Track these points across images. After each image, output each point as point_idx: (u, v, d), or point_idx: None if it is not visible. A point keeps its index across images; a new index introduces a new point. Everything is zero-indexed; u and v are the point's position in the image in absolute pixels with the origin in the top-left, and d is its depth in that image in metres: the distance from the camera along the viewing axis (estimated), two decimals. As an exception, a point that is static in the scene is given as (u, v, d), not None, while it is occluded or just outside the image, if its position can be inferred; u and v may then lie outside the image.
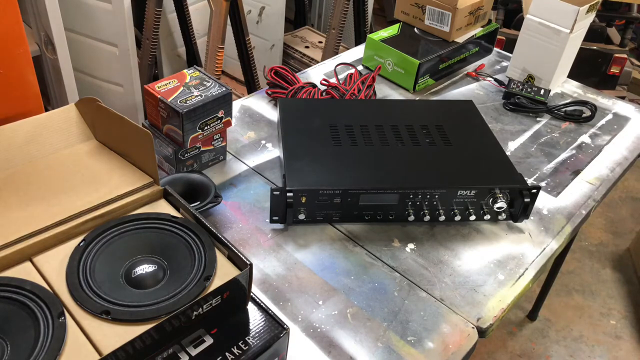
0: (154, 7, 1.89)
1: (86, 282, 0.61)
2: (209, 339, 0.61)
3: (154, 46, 1.99)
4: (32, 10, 1.63)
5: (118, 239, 0.66)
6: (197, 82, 0.95)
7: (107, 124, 0.75)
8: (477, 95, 1.33)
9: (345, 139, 0.99)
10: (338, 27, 2.13)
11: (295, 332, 0.76)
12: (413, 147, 0.99)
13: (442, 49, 1.32)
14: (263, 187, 1.00)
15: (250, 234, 0.91)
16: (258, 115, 1.18)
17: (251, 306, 0.66)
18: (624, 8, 2.64)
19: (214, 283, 0.62)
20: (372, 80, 1.22)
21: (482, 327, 0.80)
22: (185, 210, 0.70)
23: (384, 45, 1.32)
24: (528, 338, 1.86)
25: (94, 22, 1.84)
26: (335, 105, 1.11)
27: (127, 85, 1.95)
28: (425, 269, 0.87)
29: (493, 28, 1.43)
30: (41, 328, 0.56)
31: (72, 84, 1.76)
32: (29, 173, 0.71)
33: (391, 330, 0.78)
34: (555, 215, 1.00)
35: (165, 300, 0.60)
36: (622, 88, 2.67)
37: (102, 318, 0.58)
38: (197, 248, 0.65)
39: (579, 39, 1.32)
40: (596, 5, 1.28)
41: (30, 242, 0.63)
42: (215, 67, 1.93)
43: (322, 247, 0.90)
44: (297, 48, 2.53)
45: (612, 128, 1.26)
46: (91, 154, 0.75)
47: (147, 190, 0.72)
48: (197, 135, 0.94)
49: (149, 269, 0.64)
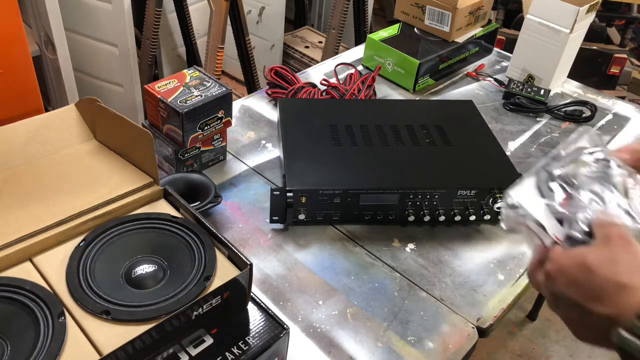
0: (154, 7, 1.89)
1: (86, 282, 0.61)
2: (209, 339, 0.61)
3: (154, 46, 1.99)
4: (32, 10, 1.63)
5: (118, 239, 0.66)
6: (197, 82, 0.95)
7: (107, 124, 0.75)
8: (477, 95, 1.33)
9: (345, 139, 0.99)
10: (338, 27, 2.13)
11: (295, 332, 0.76)
12: (413, 147, 0.99)
13: (442, 49, 1.32)
14: (263, 187, 1.00)
15: (250, 234, 0.91)
16: (258, 115, 1.18)
17: (251, 306, 0.66)
18: (624, 8, 2.64)
19: (214, 283, 0.62)
20: (372, 80, 1.22)
21: (482, 327, 0.80)
22: (185, 210, 0.70)
23: (384, 45, 1.32)
24: (528, 338, 1.86)
25: (94, 22, 1.84)
26: (335, 105, 1.11)
27: (127, 85, 1.95)
28: (425, 269, 0.87)
29: (493, 28, 1.43)
30: (41, 328, 0.56)
31: (72, 84, 1.76)
32: (29, 173, 0.71)
33: (391, 330, 0.78)
34: (555, 215, 1.00)
35: (165, 300, 0.59)
36: (622, 88, 2.67)
37: (102, 318, 0.58)
38: (197, 248, 0.65)
39: (579, 39, 1.32)
40: (596, 5, 1.27)
41: (30, 242, 0.63)
42: (215, 67, 1.93)
43: (322, 247, 0.90)
44: (297, 48, 2.53)
45: (612, 128, 1.26)
46: (91, 154, 0.75)
47: (147, 190, 0.72)
48: (197, 135, 0.94)
49: (149, 269, 0.64)
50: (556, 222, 0.56)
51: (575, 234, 0.54)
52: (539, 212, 0.57)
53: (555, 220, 0.57)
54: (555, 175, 0.59)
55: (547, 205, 0.57)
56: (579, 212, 0.55)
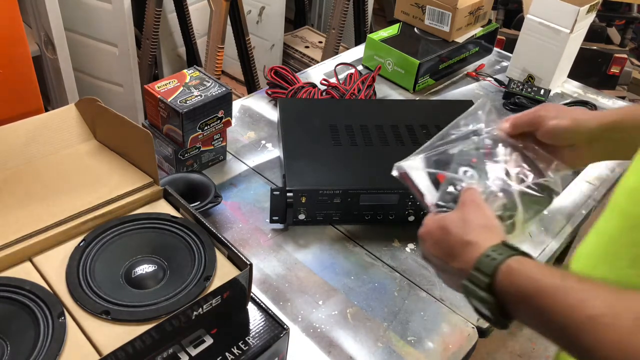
0: (154, 7, 1.89)
1: (86, 282, 0.61)
2: (209, 339, 0.61)
3: (154, 46, 1.99)
4: (32, 10, 1.63)
5: (118, 239, 0.66)
6: (197, 82, 0.95)
7: (107, 124, 0.75)
8: (477, 95, 1.33)
9: (345, 139, 0.99)
10: (338, 27, 2.13)
11: (295, 332, 0.76)
12: (413, 147, 0.97)
13: (442, 49, 1.32)
14: (263, 187, 1.00)
15: (250, 234, 0.91)
16: (258, 115, 1.18)
17: (251, 306, 0.66)
18: (624, 8, 2.64)
19: (214, 283, 0.62)
20: (372, 80, 1.22)
21: (482, 327, 0.80)
22: (185, 210, 0.70)
23: (384, 45, 1.32)
24: (528, 338, 1.86)
25: (94, 22, 1.84)
26: (335, 105, 1.11)
27: (127, 85, 1.95)
28: (425, 269, 0.87)
29: (493, 28, 1.43)
30: (41, 328, 0.56)
31: (72, 84, 1.76)
32: (29, 173, 0.71)
33: (391, 330, 0.78)
34: (556, 215, 1.00)
35: (165, 301, 0.59)
36: (622, 88, 2.67)
37: (102, 318, 0.58)
38: (197, 248, 0.65)
39: (579, 39, 1.32)
40: (596, 5, 1.27)
41: (30, 242, 0.63)
42: (215, 67, 1.93)
43: (322, 247, 0.89)
44: (297, 48, 2.53)
45: (612, 128, 1.26)
46: (91, 154, 0.75)
47: (147, 190, 0.72)
48: (197, 135, 0.94)
49: (149, 269, 0.64)
50: (433, 191, 0.64)
51: (441, 202, 0.62)
52: (421, 182, 0.66)
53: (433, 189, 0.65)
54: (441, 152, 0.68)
55: (428, 175, 0.65)
56: (451, 183, 0.63)
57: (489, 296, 0.49)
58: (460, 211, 0.58)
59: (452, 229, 0.56)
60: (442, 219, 0.58)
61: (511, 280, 0.48)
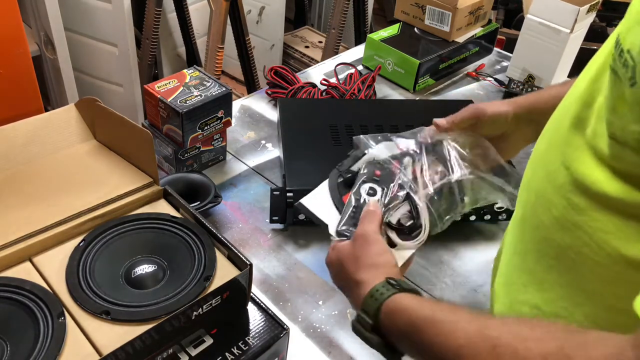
0: (154, 7, 1.89)
1: (86, 282, 0.61)
2: (209, 339, 0.61)
3: (154, 46, 1.99)
4: (32, 10, 1.63)
5: (118, 239, 0.66)
6: (197, 82, 0.95)
7: (107, 124, 0.75)
8: (477, 95, 1.33)
9: (345, 139, 0.99)
10: (338, 27, 2.13)
11: (295, 332, 0.76)
12: (413, 147, 0.98)
13: (442, 49, 1.32)
14: (263, 187, 1.00)
15: (250, 234, 0.91)
16: (258, 115, 1.18)
17: (251, 306, 0.66)
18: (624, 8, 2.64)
19: (214, 283, 0.62)
20: (372, 80, 1.22)
21: (482, 327, 0.79)
22: (185, 210, 0.70)
23: (384, 45, 1.31)
24: (528, 338, 1.85)
25: (94, 22, 1.84)
26: (335, 105, 1.11)
27: (127, 85, 1.95)
28: (425, 269, 0.87)
29: (493, 28, 1.43)
30: (41, 328, 0.56)
31: (72, 84, 1.76)
32: (29, 173, 0.71)
33: (391, 331, 0.78)
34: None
35: (165, 301, 0.59)
36: (622, 88, 2.66)
37: (102, 318, 0.58)
38: (197, 248, 0.65)
39: (579, 39, 1.32)
40: (596, 5, 1.27)
41: (30, 242, 0.63)
42: (215, 67, 1.93)
43: (322, 247, 0.89)
44: (297, 48, 2.53)
45: (612, 128, 1.26)
46: (91, 154, 0.75)
47: (147, 190, 0.72)
48: (197, 135, 0.94)
49: (148, 269, 0.64)
50: (335, 218, 0.65)
51: (343, 228, 0.63)
52: (322, 213, 0.66)
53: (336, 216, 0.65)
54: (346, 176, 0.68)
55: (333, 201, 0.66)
56: (353, 205, 0.64)
57: (374, 336, 0.53)
58: (352, 246, 0.60)
59: (346, 264, 0.59)
60: (340, 251, 0.61)
61: (391, 319, 0.51)
